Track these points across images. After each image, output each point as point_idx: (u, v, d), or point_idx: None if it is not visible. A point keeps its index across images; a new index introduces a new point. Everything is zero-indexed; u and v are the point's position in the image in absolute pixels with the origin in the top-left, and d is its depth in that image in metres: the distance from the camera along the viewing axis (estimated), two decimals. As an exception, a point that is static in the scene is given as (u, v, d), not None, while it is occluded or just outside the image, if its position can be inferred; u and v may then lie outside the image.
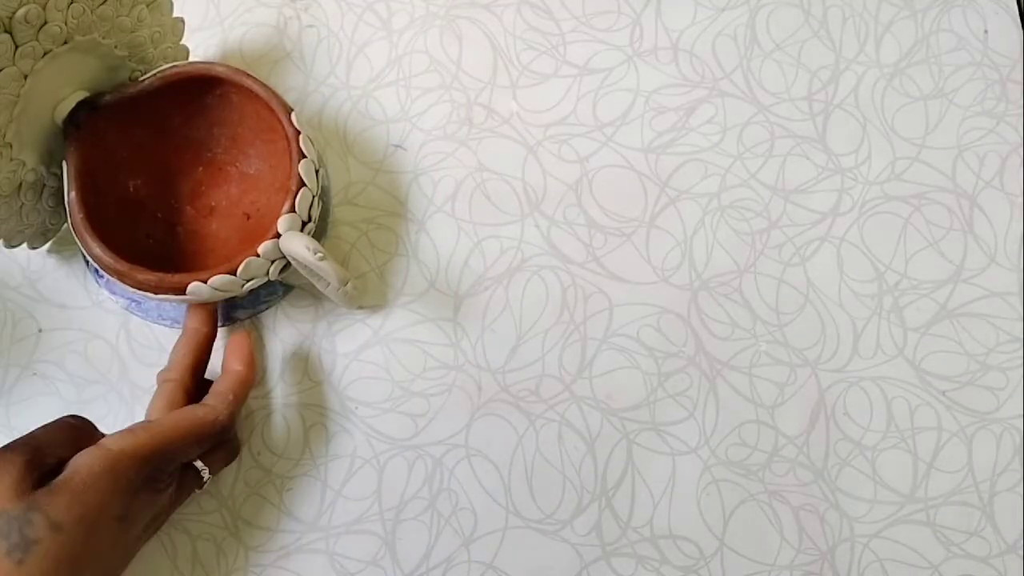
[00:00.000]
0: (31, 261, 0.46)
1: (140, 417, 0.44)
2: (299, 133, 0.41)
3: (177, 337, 0.42)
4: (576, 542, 0.43)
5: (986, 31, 0.51)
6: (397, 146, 0.48)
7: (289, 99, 0.43)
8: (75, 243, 0.46)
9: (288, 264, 0.40)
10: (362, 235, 0.47)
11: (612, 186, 0.48)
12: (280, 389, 0.45)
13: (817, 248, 0.47)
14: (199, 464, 0.40)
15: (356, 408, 0.45)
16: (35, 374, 0.45)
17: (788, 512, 0.44)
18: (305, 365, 0.45)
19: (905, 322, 0.46)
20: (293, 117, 0.41)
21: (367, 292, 0.46)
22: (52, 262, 0.46)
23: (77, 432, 0.37)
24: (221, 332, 0.45)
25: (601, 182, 0.48)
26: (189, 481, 0.40)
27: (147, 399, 0.44)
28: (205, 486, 0.41)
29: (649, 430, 0.45)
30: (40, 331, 0.46)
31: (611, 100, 0.49)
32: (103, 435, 0.37)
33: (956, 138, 0.49)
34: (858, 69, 0.50)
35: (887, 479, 0.44)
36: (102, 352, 0.45)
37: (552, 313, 0.46)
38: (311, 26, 0.50)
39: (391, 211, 0.47)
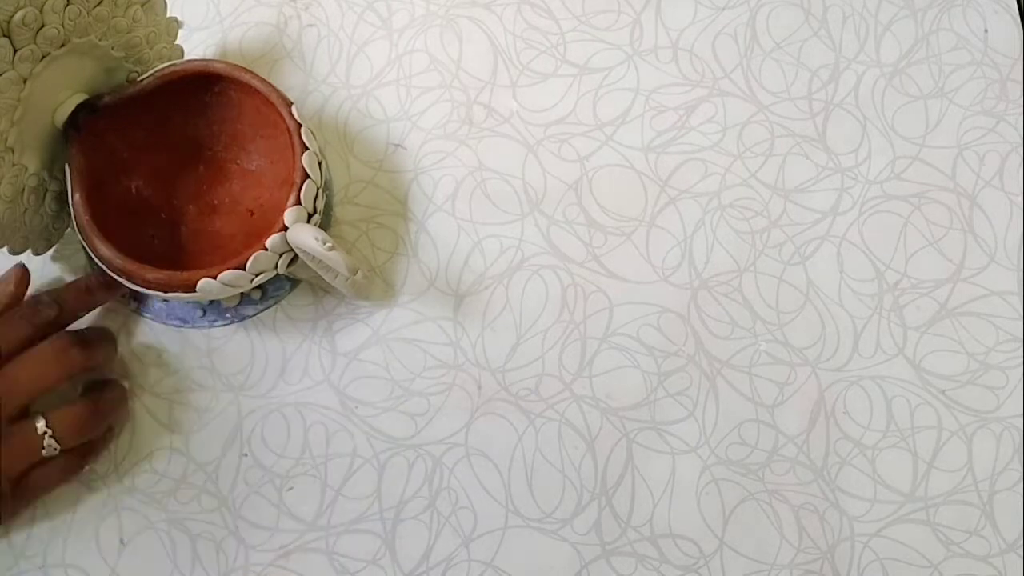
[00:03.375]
0: (30, 261, 0.46)
1: (139, 415, 0.44)
2: (300, 126, 0.41)
3: (181, 338, 0.42)
4: (576, 541, 0.44)
5: (986, 30, 0.51)
6: (397, 145, 0.48)
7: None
8: (74, 243, 0.46)
9: (296, 257, 0.40)
10: (362, 234, 0.47)
11: (612, 185, 0.48)
12: (280, 388, 0.45)
13: (817, 247, 0.47)
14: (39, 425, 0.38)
15: (356, 407, 0.45)
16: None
17: (788, 511, 0.44)
18: (305, 364, 0.45)
19: (905, 321, 0.46)
20: (293, 110, 0.41)
21: (375, 284, 0.46)
22: (51, 262, 0.46)
23: None
24: (232, 328, 0.45)
25: (601, 181, 0.48)
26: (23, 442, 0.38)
27: (147, 398, 0.44)
28: (57, 453, 0.39)
29: (649, 429, 0.45)
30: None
31: (611, 99, 0.49)
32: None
33: (956, 137, 0.49)
34: (858, 68, 0.50)
35: (887, 478, 0.44)
36: (102, 351, 0.45)
37: (552, 312, 0.46)
38: (311, 25, 0.50)
39: (391, 210, 0.47)
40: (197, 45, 0.49)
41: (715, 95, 0.49)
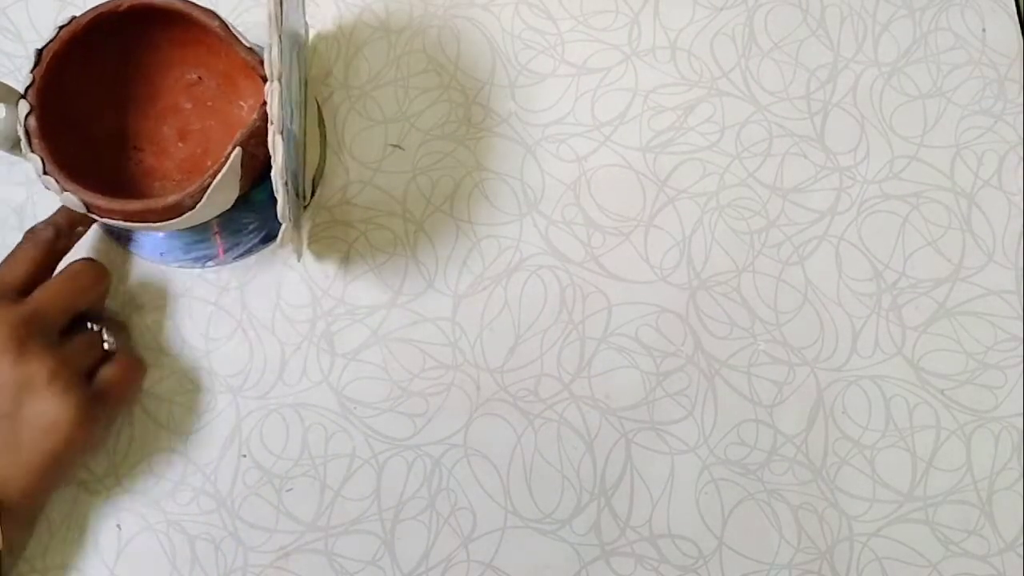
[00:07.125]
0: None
1: (138, 417, 0.44)
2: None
3: (179, 339, 0.42)
4: (575, 541, 0.44)
5: (984, 29, 0.51)
6: (395, 146, 0.48)
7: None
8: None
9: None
10: (360, 235, 0.47)
11: (610, 185, 0.48)
12: (278, 389, 0.45)
13: (815, 247, 0.47)
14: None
15: (355, 408, 0.45)
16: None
17: (787, 511, 0.44)
18: (303, 365, 0.45)
19: (904, 321, 0.46)
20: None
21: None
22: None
23: None
24: (229, 329, 0.45)
25: (599, 181, 0.48)
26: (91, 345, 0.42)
27: (146, 400, 0.44)
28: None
29: (648, 429, 0.45)
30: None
31: (609, 99, 0.49)
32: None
33: (954, 137, 0.49)
34: (856, 68, 0.50)
35: (886, 478, 0.44)
36: (100, 353, 0.45)
37: (550, 313, 0.46)
38: (309, 27, 0.50)
39: (389, 211, 0.47)
40: (195, 46, 0.49)
41: (713, 95, 0.49)
